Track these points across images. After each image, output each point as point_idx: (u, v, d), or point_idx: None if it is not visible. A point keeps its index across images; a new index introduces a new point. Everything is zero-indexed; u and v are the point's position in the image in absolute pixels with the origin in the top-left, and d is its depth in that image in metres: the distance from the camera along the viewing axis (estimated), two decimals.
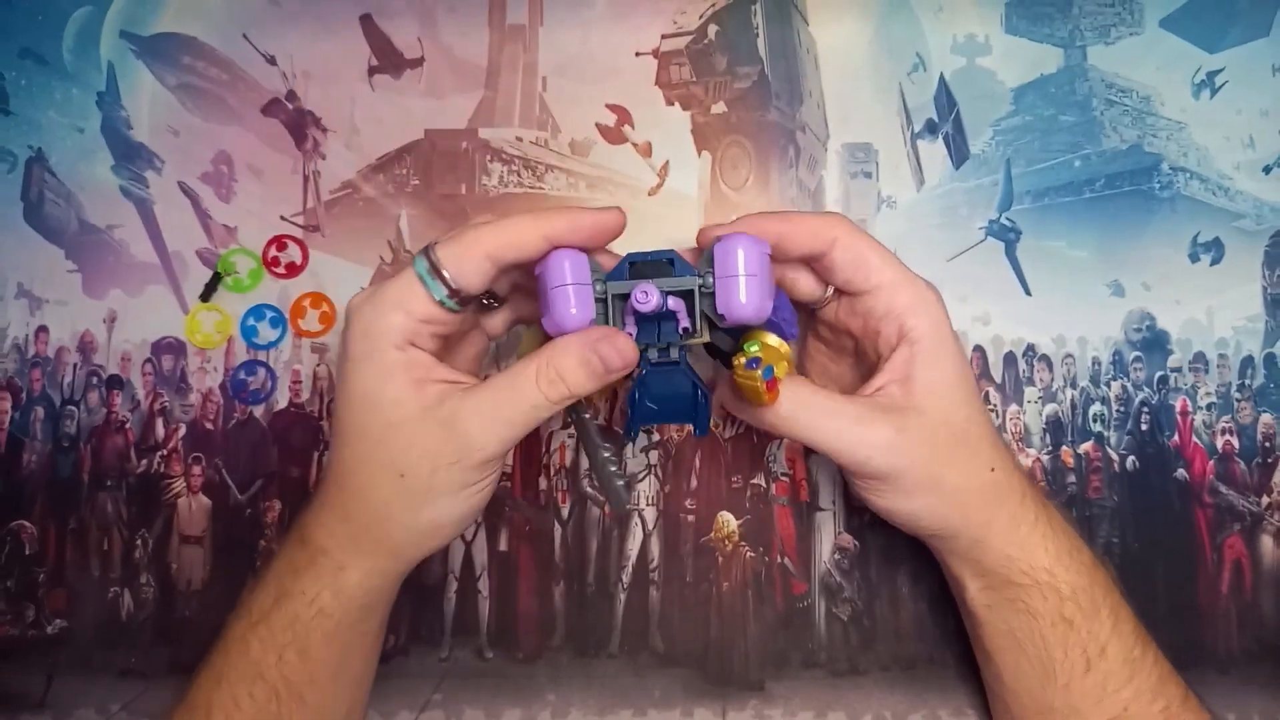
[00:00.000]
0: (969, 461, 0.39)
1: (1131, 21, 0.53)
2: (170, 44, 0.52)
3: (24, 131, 0.52)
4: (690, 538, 0.48)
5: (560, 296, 0.35)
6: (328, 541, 0.38)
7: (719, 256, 0.35)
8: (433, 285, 0.35)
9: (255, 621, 0.38)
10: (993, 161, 0.52)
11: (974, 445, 0.39)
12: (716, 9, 0.53)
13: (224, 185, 0.51)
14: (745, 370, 0.36)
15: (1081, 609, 0.39)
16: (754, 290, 0.35)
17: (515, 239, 0.36)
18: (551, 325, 0.36)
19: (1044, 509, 0.40)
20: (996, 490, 0.39)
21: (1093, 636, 0.39)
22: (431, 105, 0.52)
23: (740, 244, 0.35)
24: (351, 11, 0.53)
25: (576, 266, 0.35)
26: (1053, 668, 0.39)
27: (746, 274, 0.35)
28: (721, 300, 0.35)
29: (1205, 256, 0.51)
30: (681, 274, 0.36)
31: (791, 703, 0.47)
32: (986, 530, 0.39)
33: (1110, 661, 0.38)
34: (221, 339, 0.50)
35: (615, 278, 0.36)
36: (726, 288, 0.35)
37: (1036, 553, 0.39)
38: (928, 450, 0.38)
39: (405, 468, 0.36)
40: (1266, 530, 0.48)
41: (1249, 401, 0.49)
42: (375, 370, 0.36)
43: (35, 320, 0.50)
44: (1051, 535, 0.39)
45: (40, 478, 0.49)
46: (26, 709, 0.46)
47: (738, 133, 0.52)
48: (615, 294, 0.36)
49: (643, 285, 0.35)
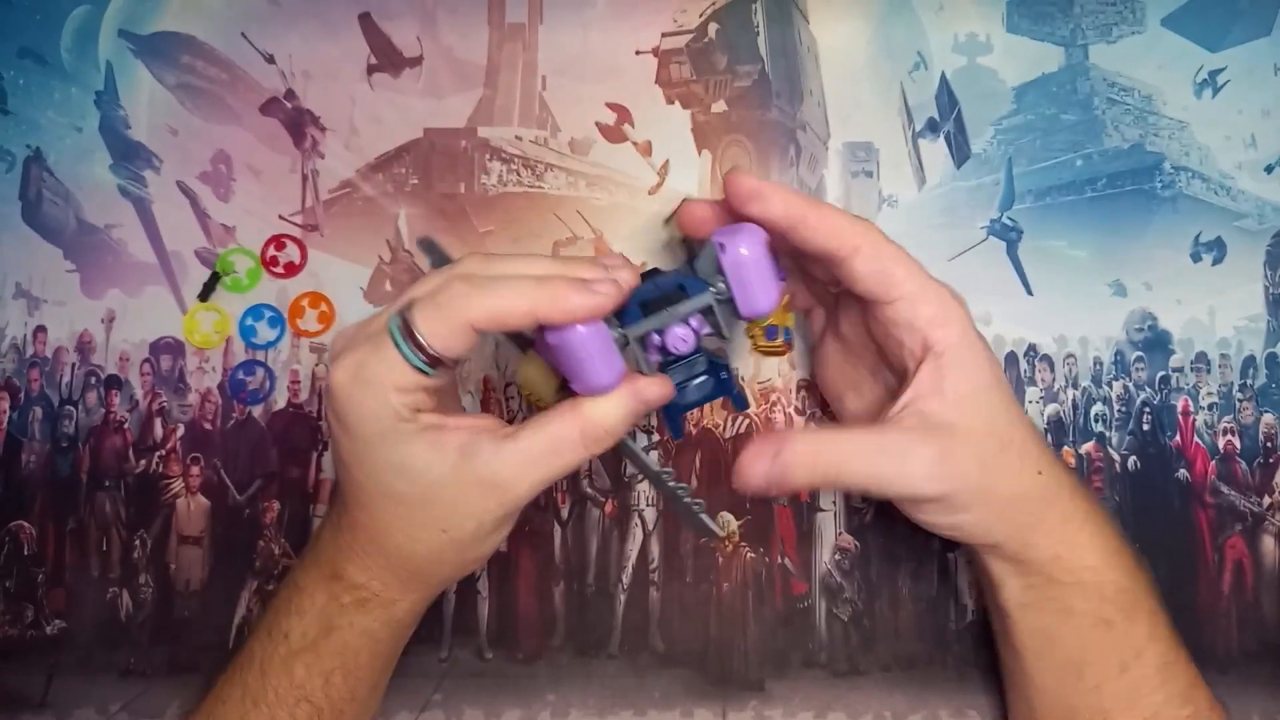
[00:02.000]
0: (1018, 468, 0.37)
1: (1133, 20, 0.52)
2: (169, 43, 0.52)
3: (22, 131, 0.51)
4: (690, 538, 0.48)
5: (588, 367, 0.34)
6: (375, 584, 0.38)
7: (729, 264, 0.34)
8: (409, 352, 0.33)
9: (299, 649, 0.38)
10: (994, 161, 0.51)
11: (1019, 450, 0.37)
12: (717, 7, 0.53)
13: (222, 185, 0.51)
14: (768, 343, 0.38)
15: (1123, 610, 0.38)
16: (769, 284, 0.35)
17: (503, 314, 0.33)
18: (585, 389, 0.35)
19: (1092, 505, 0.39)
20: (1045, 491, 0.38)
21: (1130, 640, 0.38)
22: (431, 104, 0.52)
23: (744, 242, 0.34)
24: (350, 10, 0.52)
25: (596, 336, 0.33)
26: (1084, 669, 0.38)
27: (759, 271, 0.34)
28: (745, 305, 0.35)
29: (1207, 256, 0.50)
30: (694, 293, 0.35)
31: (792, 703, 0.47)
32: (1035, 531, 0.38)
33: (1145, 666, 0.38)
34: (220, 339, 0.50)
35: (630, 320, 0.35)
36: (746, 293, 0.35)
37: (1084, 552, 0.38)
38: (975, 465, 0.36)
39: (449, 526, 0.36)
40: (1268, 530, 0.48)
41: (1251, 401, 0.49)
42: (392, 446, 0.35)
43: (33, 320, 0.50)
44: (1099, 534, 0.38)
45: (39, 478, 0.49)
46: (26, 709, 0.46)
47: (738, 131, 0.52)
48: (635, 336, 0.35)
49: (676, 331, 0.35)
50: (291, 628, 0.38)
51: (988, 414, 0.37)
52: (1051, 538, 0.38)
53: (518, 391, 0.49)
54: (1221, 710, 0.39)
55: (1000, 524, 0.38)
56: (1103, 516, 0.39)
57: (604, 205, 0.51)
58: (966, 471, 0.36)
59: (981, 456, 0.36)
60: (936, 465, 0.36)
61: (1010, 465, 0.37)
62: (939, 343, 0.36)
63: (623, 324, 0.35)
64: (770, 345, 0.37)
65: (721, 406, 0.48)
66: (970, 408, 0.36)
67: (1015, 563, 0.39)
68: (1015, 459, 0.37)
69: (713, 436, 0.49)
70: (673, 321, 0.35)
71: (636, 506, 0.49)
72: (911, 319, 0.37)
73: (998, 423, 0.37)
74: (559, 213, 0.51)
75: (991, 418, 0.37)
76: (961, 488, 0.36)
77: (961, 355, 0.36)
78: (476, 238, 0.51)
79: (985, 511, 0.37)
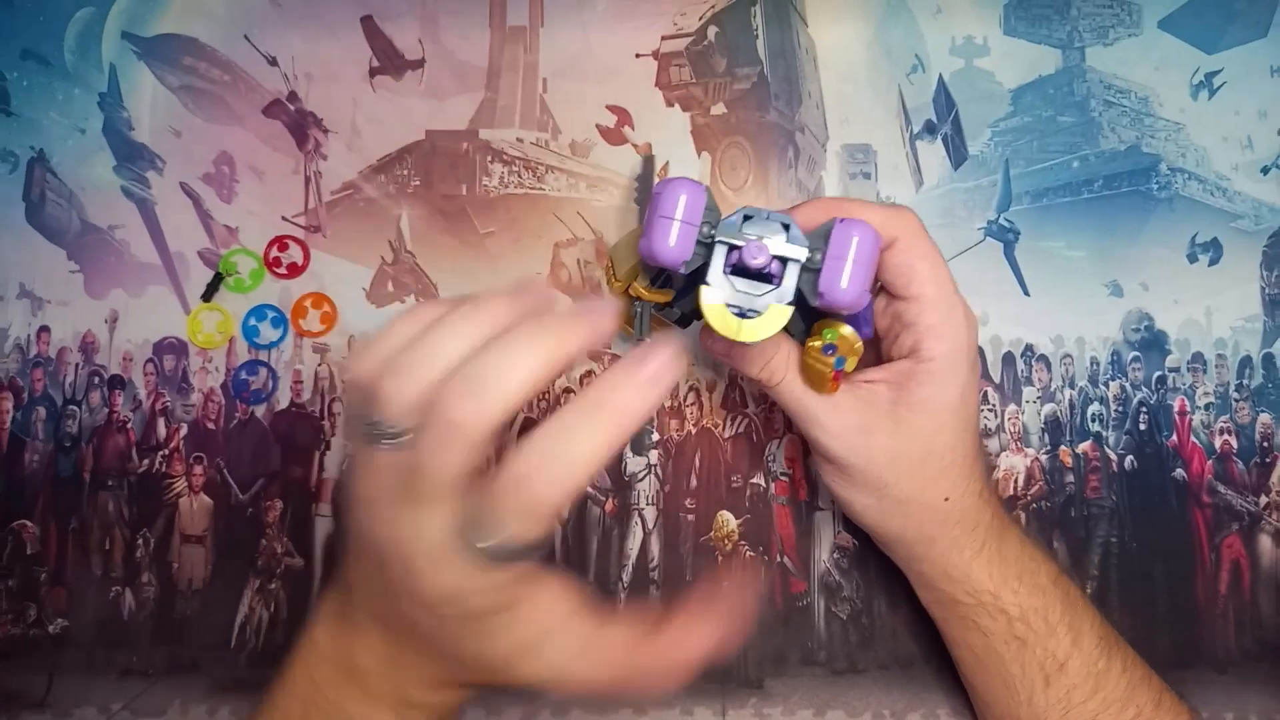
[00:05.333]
0: (925, 483, 0.38)
1: (1130, 22, 0.53)
2: (172, 45, 0.52)
3: (26, 132, 0.52)
4: (690, 537, 0.49)
5: (664, 227, 0.34)
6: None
7: (837, 237, 0.34)
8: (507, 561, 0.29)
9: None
10: (991, 162, 0.52)
11: (937, 471, 0.38)
12: (716, 11, 0.53)
13: (225, 186, 0.51)
14: (820, 355, 0.36)
15: (1033, 629, 0.39)
16: (860, 279, 0.34)
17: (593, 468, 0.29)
18: (647, 249, 0.35)
19: (998, 540, 0.39)
20: (944, 516, 0.39)
21: (1049, 654, 0.39)
22: (432, 106, 0.52)
23: (860, 231, 0.34)
24: (353, 13, 0.53)
25: (692, 203, 0.34)
26: (1012, 683, 0.39)
27: (857, 261, 0.34)
28: (826, 280, 0.34)
29: (1203, 257, 0.51)
30: (794, 241, 0.35)
31: (790, 701, 0.47)
32: (928, 547, 0.40)
33: (1071, 676, 0.38)
34: (223, 339, 0.50)
35: (728, 224, 0.35)
36: (835, 269, 0.34)
37: (979, 577, 0.39)
38: (887, 457, 0.38)
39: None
40: (1265, 530, 0.48)
41: (1247, 401, 0.50)
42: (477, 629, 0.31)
43: (37, 320, 0.50)
44: (998, 562, 0.39)
45: (42, 477, 0.49)
46: (28, 708, 0.47)
47: (737, 134, 0.52)
48: (720, 239, 0.35)
49: (757, 241, 0.34)
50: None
51: (930, 427, 0.38)
52: (942, 559, 0.39)
53: None
54: (1174, 703, 0.39)
55: (893, 520, 0.39)
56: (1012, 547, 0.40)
57: (604, 207, 0.51)
58: (875, 455, 0.38)
59: (898, 452, 0.38)
60: (852, 433, 0.38)
61: (921, 476, 0.38)
62: (926, 351, 0.38)
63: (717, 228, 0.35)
64: (821, 360, 0.36)
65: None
66: (917, 413, 0.38)
67: (913, 573, 0.41)
68: (930, 474, 0.38)
69: (712, 435, 0.49)
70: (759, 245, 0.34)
71: (636, 505, 0.49)
72: (915, 320, 0.38)
73: (934, 439, 0.38)
74: (560, 214, 0.51)
75: (931, 432, 0.38)
76: (862, 466, 0.38)
77: (939, 370, 0.37)
78: (478, 239, 0.51)
79: (877, 502, 0.39)
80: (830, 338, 0.37)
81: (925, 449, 0.38)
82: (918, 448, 0.38)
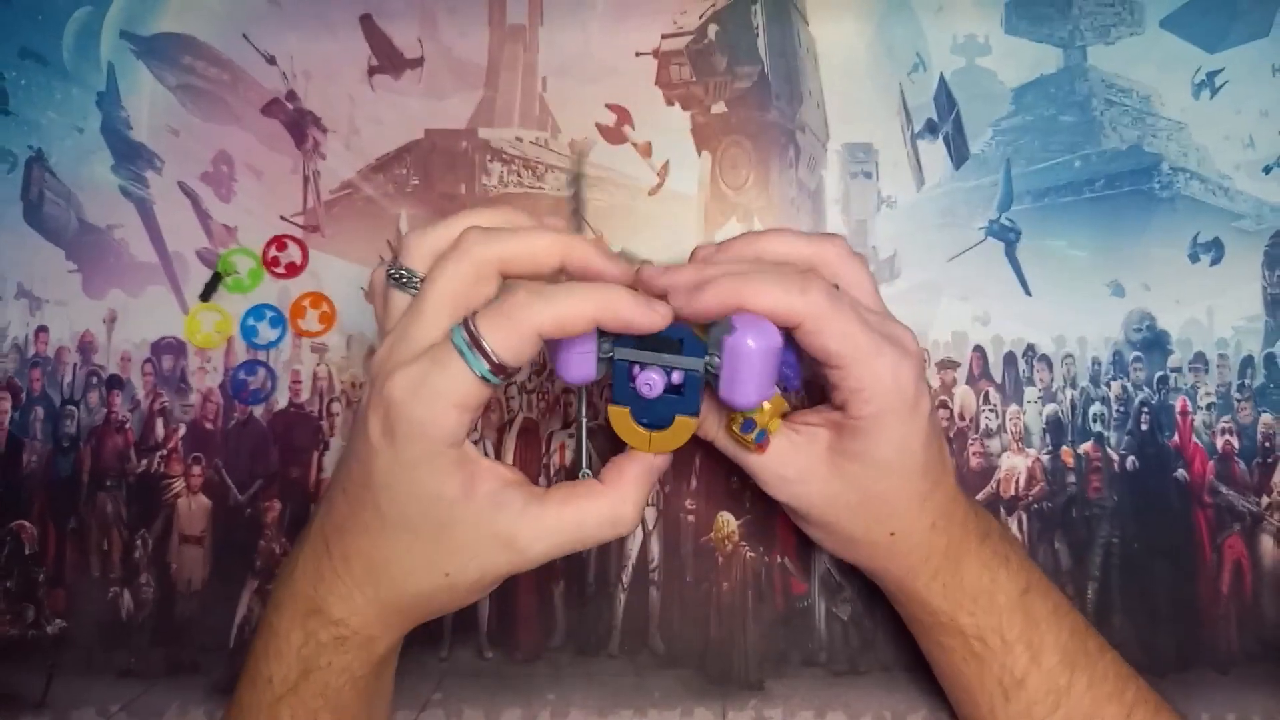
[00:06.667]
0: (868, 524, 0.39)
1: (1131, 21, 0.53)
2: (170, 44, 0.52)
3: (24, 132, 0.52)
4: (690, 538, 0.48)
5: (567, 359, 0.35)
6: (355, 620, 0.37)
7: (730, 346, 0.34)
8: (474, 360, 0.32)
9: (282, 694, 0.37)
10: (993, 161, 0.52)
11: (881, 514, 0.39)
12: (716, 9, 0.53)
13: (224, 185, 0.51)
14: (740, 434, 0.38)
15: (989, 647, 0.39)
16: (759, 386, 0.35)
17: (567, 320, 0.33)
18: (559, 374, 0.36)
19: (955, 566, 0.39)
20: (892, 549, 0.39)
21: (1006, 670, 0.39)
22: (431, 105, 0.52)
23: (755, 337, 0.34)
24: (351, 11, 0.53)
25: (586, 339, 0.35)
26: (974, 696, 0.40)
27: (756, 372, 0.34)
28: (726, 389, 0.35)
29: (1205, 256, 0.51)
30: (691, 354, 0.36)
31: (791, 702, 0.47)
32: (883, 574, 0.41)
33: (1030, 691, 0.39)
34: (221, 339, 0.50)
35: (624, 344, 0.36)
36: (733, 385, 0.35)
37: (935, 602, 0.40)
38: (822, 501, 0.39)
39: (453, 569, 0.36)
40: (1266, 530, 0.48)
41: (1249, 401, 0.49)
42: (429, 472, 0.34)
43: (35, 320, 0.50)
44: (955, 587, 0.39)
45: (40, 478, 0.49)
46: (26, 709, 0.47)
47: (738, 133, 0.52)
48: (619, 358, 0.36)
49: (648, 373, 0.35)
50: (273, 672, 0.37)
51: (868, 475, 0.38)
52: (894, 586, 0.41)
53: (518, 391, 0.49)
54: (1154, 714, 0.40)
55: (845, 551, 0.41)
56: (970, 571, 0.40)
57: (604, 206, 0.51)
58: (814, 500, 0.39)
59: (834, 497, 0.39)
60: (790, 482, 0.39)
61: (863, 518, 0.39)
62: (854, 410, 0.37)
63: (615, 341, 0.36)
64: (741, 437, 0.38)
65: None
66: (852, 463, 0.38)
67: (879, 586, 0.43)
68: (872, 516, 0.39)
69: None
70: (654, 366, 0.36)
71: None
72: (839, 384, 0.37)
73: (874, 485, 0.38)
74: (559, 214, 0.51)
75: (870, 479, 0.38)
76: (803, 510, 0.40)
77: (866, 427, 0.37)
78: None
79: (825, 536, 0.41)
80: (746, 414, 0.38)
81: (863, 494, 0.38)
82: (855, 494, 0.38)
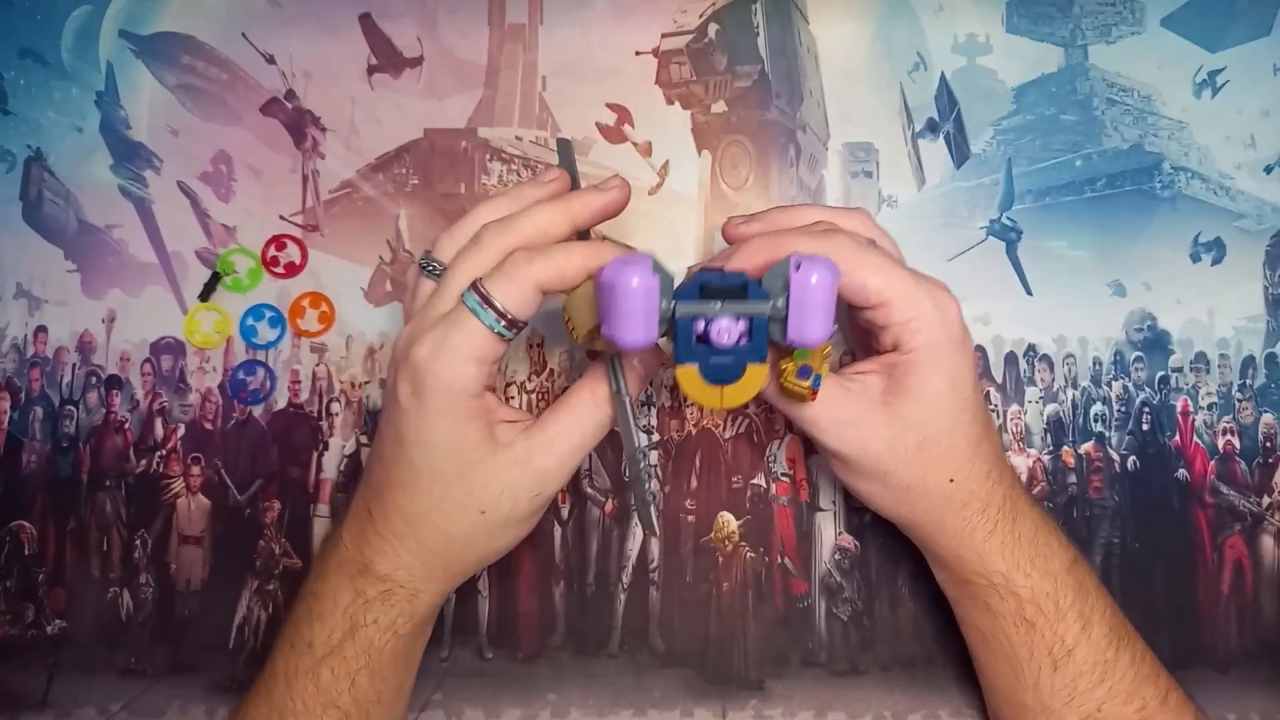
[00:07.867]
0: (925, 469, 0.39)
1: (1132, 20, 0.53)
2: (169, 43, 0.52)
3: (23, 131, 0.51)
4: (690, 538, 0.48)
5: (626, 320, 0.34)
6: (401, 574, 0.39)
7: (797, 285, 0.34)
8: (485, 315, 0.36)
9: (323, 655, 0.38)
10: (994, 161, 0.52)
11: (939, 456, 0.39)
12: (717, 8, 0.53)
13: (223, 185, 0.51)
14: (797, 380, 0.37)
15: (1044, 612, 0.39)
16: (827, 321, 0.34)
17: (566, 273, 0.37)
18: (613, 338, 0.34)
19: (1011, 521, 0.40)
20: (950, 499, 0.39)
21: (1058, 638, 0.39)
22: (431, 105, 0.52)
23: (819, 272, 0.34)
24: (351, 11, 0.53)
25: (649, 289, 0.34)
26: (1019, 665, 0.40)
27: (822, 306, 0.34)
28: (795, 328, 0.35)
29: (1206, 256, 0.51)
30: (754, 298, 0.35)
31: (791, 702, 0.47)
32: (938, 530, 0.40)
33: (1079, 663, 0.39)
34: (220, 339, 0.50)
35: (685, 296, 0.35)
36: (802, 320, 0.34)
37: (991, 559, 0.39)
38: (883, 446, 0.39)
39: (486, 505, 0.38)
40: (1267, 530, 0.48)
41: (1250, 401, 0.49)
42: (454, 420, 0.37)
43: (34, 320, 0.50)
44: (1012, 544, 0.39)
45: (39, 478, 0.49)
46: (27, 709, 0.47)
47: (738, 132, 0.52)
48: (682, 315, 0.35)
49: (720, 321, 0.35)
50: (315, 635, 0.39)
51: (924, 414, 0.38)
52: (953, 541, 0.40)
53: (518, 391, 0.49)
54: (1180, 702, 0.40)
55: (900, 506, 0.40)
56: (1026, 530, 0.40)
57: None
58: (870, 446, 0.39)
59: (892, 441, 0.39)
60: (845, 426, 0.39)
61: (920, 462, 0.39)
62: (905, 344, 0.38)
63: (677, 297, 0.35)
64: (798, 384, 0.37)
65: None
66: (907, 402, 0.38)
67: (929, 553, 0.42)
68: (929, 460, 0.39)
69: (713, 436, 0.49)
70: (724, 315, 0.35)
71: (637, 506, 0.49)
72: (887, 322, 0.38)
73: (931, 426, 0.39)
74: None
75: (926, 419, 0.38)
76: (859, 457, 0.39)
77: (925, 358, 0.38)
78: None
79: (882, 489, 0.40)
80: (801, 359, 0.37)
81: (920, 436, 0.38)
82: (912, 435, 0.38)
